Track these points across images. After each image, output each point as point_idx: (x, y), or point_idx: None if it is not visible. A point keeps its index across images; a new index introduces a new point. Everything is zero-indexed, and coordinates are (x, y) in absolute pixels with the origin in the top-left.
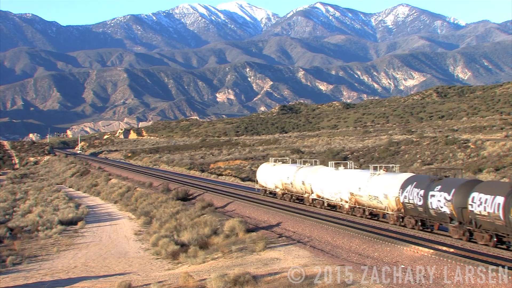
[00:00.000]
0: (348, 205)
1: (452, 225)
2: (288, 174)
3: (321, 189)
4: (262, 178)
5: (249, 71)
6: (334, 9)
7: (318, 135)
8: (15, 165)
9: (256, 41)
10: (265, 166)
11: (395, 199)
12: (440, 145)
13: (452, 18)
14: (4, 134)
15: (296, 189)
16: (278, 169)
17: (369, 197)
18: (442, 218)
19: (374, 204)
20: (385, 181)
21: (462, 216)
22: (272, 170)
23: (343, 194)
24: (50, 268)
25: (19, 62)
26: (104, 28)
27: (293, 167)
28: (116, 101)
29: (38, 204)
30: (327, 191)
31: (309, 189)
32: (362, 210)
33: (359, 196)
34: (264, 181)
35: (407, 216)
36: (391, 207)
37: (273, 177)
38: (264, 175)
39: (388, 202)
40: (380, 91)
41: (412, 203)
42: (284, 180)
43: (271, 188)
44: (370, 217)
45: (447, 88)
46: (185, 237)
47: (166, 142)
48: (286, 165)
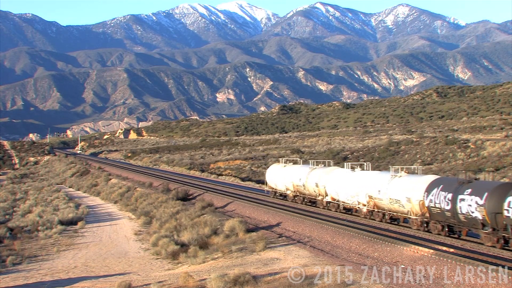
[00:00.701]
0: (366, 209)
1: (485, 232)
2: (300, 175)
3: (336, 192)
4: (272, 180)
5: (249, 71)
6: (334, 9)
7: (318, 135)
8: (15, 165)
9: (256, 41)
10: (275, 167)
11: (419, 203)
12: (440, 145)
13: (452, 18)
14: (4, 134)
15: (308, 192)
16: (289, 170)
17: (390, 201)
18: (473, 224)
19: (395, 208)
20: (407, 184)
21: (496, 222)
22: (283, 171)
23: (360, 197)
24: (50, 268)
25: (19, 62)
26: (104, 28)
27: (306, 168)
28: (116, 101)
29: (38, 204)
30: (343, 193)
31: (323, 192)
32: (381, 214)
33: (379, 200)
34: (274, 183)
35: (432, 221)
36: (415, 211)
37: (284, 179)
38: (274, 177)
39: (411, 206)
40: (380, 91)
41: (438, 207)
42: (295, 182)
43: (281, 190)
44: (389, 222)
45: (447, 88)
46: (185, 237)
47: (166, 142)
48: (298, 166)
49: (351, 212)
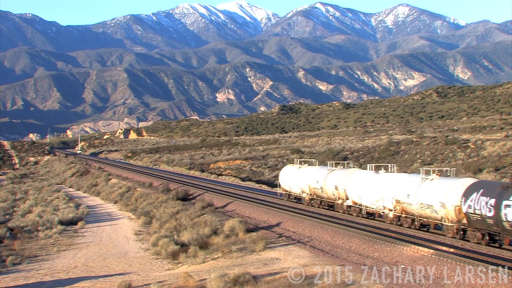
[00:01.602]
0: (392, 214)
1: None
2: (317, 177)
3: (358, 195)
4: (285, 182)
5: (249, 71)
6: (334, 9)
7: (318, 135)
8: (15, 165)
9: (256, 41)
10: (289, 169)
11: (454, 208)
12: (440, 145)
13: (452, 18)
14: (4, 134)
15: (327, 195)
16: (305, 172)
17: (421, 206)
18: None
19: (426, 214)
20: (441, 187)
21: None
22: (298, 173)
23: (386, 201)
24: (50, 268)
25: (19, 62)
26: (104, 28)
27: (323, 170)
28: (116, 101)
29: (38, 204)
30: (366, 197)
31: (343, 195)
32: (410, 220)
33: (408, 204)
34: (288, 185)
35: (470, 228)
36: (450, 218)
37: (299, 181)
38: (288, 179)
39: (445, 212)
40: (380, 91)
41: (478, 214)
42: (312, 185)
43: (296, 193)
44: (419, 228)
45: (447, 88)
46: (185, 237)
47: (166, 142)
48: (315, 168)
49: (373, 217)
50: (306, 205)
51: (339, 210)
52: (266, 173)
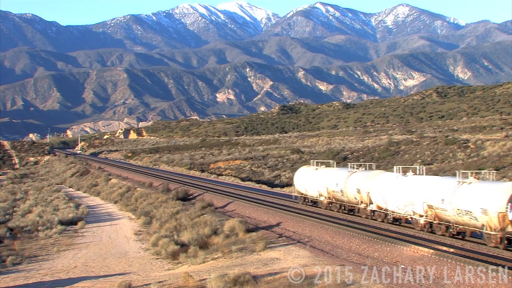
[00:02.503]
0: (423, 220)
1: None
2: (337, 180)
3: (384, 199)
4: (301, 184)
5: (249, 71)
6: (334, 9)
7: (318, 135)
8: (15, 165)
9: (256, 41)
10: (305, 171)
11: (498, 215)
12: (440, 145)
13: (452, 18)
14: (4, 134)
15: (348, 198)
16: (323, 174)
17: (457, 212)
18: None
19: (464, 221)
20: (482, 192)
21: None
22: (315, 175)
23: (416, 206)
24: (50, 268)
25: (19, 62)
26: (104, 28)
27: (344, 171)
28: (116, 101)
29: (38, 204)
30: (393, 201)
31: (366, 199)
32: (444, 227)
33: (442, 210)
34: (304, 188)
35: None
36: (492, 225)
37: (316, 184)
38: (304, 181)
39: (487, 220)
40: (380, 91)
41: None
42: (331, 187)
43: (313, 196)
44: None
45: (447, 88)
46: (185, 237)
47: (166, 142)
48: (333, 170)
49: (399, 223)
50: (324, 209)
51: (361, 215)
52: (266, 173)
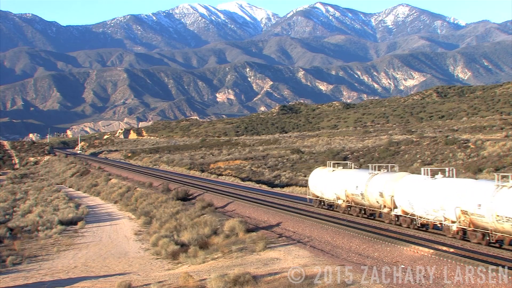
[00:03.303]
0: (456, 227)
1: None
2: (357, 182)
3: (410, 203)
4: (317, 187)
5: (249, 71)
6: (334, 9)
7: (318, 135)
8: (15, 165)
9: (256, 41)
10: (321, 172)
11: None
12: (440, 145)
13: (452, 18)
14: (4, 134)
15: (369, 202)
16: (341, 176)
17: (497, 219)
18: None
19: (504, 228)
20: None
21: None
22: (332, 177)
23: (447, 211)
24: (50, 268)
25: (19, 62)
26: (104, 28)
27: (364, 173)
28: (116, 101)
29: (38, 204)
30: (420, 206)
31: (390, 203)
32: (480, 235)
33: (478, 216)
34: (320, 191)
35: None
36: None
37: (334, 186)
38: (320, 183)
39: None
40: (380, 91)
41: None
42: (350, 190)
43: (329, 199)
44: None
45: (447, 88)
46: (185, 237)
47: (166, 142)
48: (353, 171)
49: (426, 228)
50: (342, 213)
51: (384, 220)
52: (266, 173)
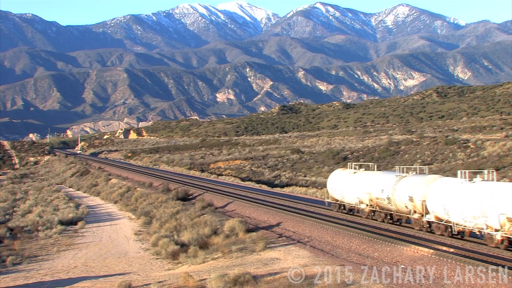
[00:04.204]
0: (500, 235)
1: None
2: (382, 185)
3: (445, 209)
4: (336, 190)
5: (249, 71)
6: (334, 9)
7: (318, 135)
8: (15, 165)
9: (256, 41)
10: (341, 174)
11: None
12: (440, 145)
13: (452, 18)
14: (4, 134)
15: (396, 207)
16: (364, 178)
17: None
18: None
19: None
20: None
21: None
22: (353, 179)
23: (490, 218)
24: (50, 268)
25: (19, 62)
26: (104, 28)
27: (390, 176)
28: (116, 101)
29: (38, 204)
30: (457, 212)
31: (420, 208)
32: None
33: None
34: (340, 194)
35: None
36: None
37: (355, 189)
38: (340, 186)
39: None
40: (380, 91)
41: None
42: (375, 194)
43: (351, 203)
44: None
45: (447, 88)
46: (185, 237)
47: (166, 142)
48: (377, 174)
49: (461, 236)
50: (365, 218)
51: (413, 226)
52: (266, 173)
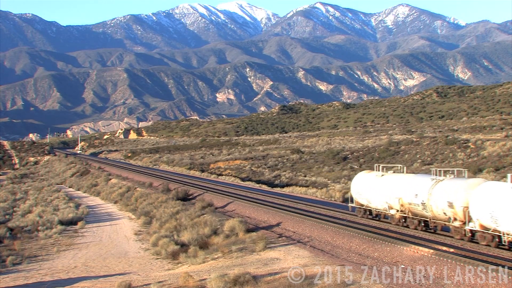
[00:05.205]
0: None
1: None
2: (416, 189)
3: (493, 217)
4: (361, 194)
5: (249, 71)
6: (334, 9)
7: (318, 135)
8: (15, 165)
9: (256, 41)
10: (367, 177)
11: None
12: (440, 145)
13: (452, 18)
14: (4, 134)
15: (432, 213)
16: (393, 181)
17: None
18: None
19: None
20: None
21: None
22: (381, 183)
23: None
24: (50, 268)
25: (19, 62)
26: (104, 28)
27: (425, 179)
28: (116, 101)
29: (38, 204)
30: (507, 221)
31: (462, 215)
32: None
33: None
34: (366, 198)
35: None
36: None
37: (384, 193)
38: (365, 190)
39: None
40: (380, 91)
41: None
42: (407, 199)
43: (378, 208)
44: None
45: (447, 88)
46: (185, 237)
47: (166, 142)
48: (409, 176)
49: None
50: (395, 225)
51: (453, 235)
52: (266, 173)
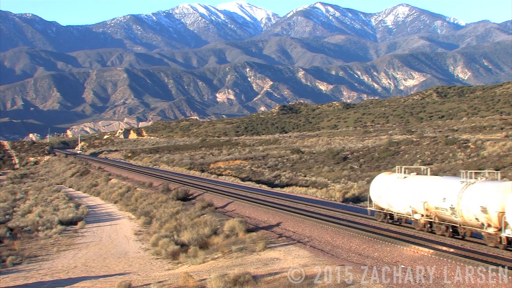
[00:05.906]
0: None
1: None
2: (444, 193)
3: None
4: (381, 197)
5: (249, 71)
6: (334, 9)
7: (318, 135)
8: (15, 165)
9: (256, 41)
10: (388, 179)
11: None
12: (440, 145)
13: (452, 18)
14: (4, 134)
15: (462, 219)
16: (417, 184)
17: None
18: None
19: None
20: None
21: None
22: (403, 185)
23: None
24: (50, 268)
25: (19, 62)
26: (104, 28)
27: (453, 182)
28: (116, 101)
29: (38, 204)
30: None
31: (497, 221)
32: None
33: None
34: (387, 202)
35: None
36: None
37: (407, 197)
38: (386, 193)
39: None
40: (380, 91)
41: None
42: (433, 203)
43: (400, 212)
44: None
45: (447, 88)
46: (185, 237)
47: (166, 142)
48: (435, 179)
49: None
50: (419, 230)
51: (487, 243)
52: (266, 173)
